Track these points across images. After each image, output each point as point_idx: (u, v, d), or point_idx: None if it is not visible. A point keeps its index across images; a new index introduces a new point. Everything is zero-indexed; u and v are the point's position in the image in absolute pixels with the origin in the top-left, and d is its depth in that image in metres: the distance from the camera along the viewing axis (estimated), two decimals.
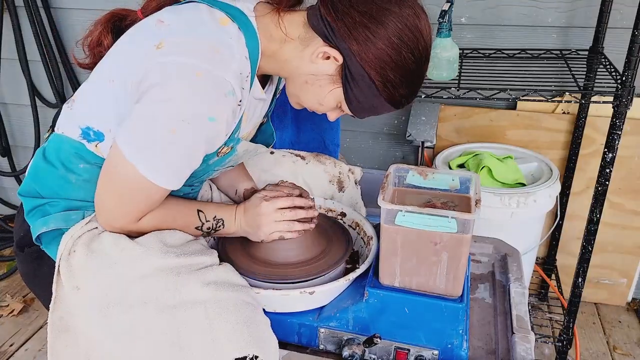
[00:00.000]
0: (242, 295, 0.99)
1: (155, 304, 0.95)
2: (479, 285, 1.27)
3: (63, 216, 1.03)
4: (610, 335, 1.99)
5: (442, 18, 1.40)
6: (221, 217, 1.11)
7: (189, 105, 0.89)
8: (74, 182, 1.03)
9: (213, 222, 1.10)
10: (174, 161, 0.94)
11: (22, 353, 1.95)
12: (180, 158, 0.94)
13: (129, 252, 0.98)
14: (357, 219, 1.31)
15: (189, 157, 0.95)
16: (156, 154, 0.92)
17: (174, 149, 0.92)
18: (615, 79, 1.44)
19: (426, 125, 1.87)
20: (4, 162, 2.55)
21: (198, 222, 1.08)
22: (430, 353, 1.04)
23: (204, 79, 0.88)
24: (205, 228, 1.09)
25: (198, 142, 0.94)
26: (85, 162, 1.02)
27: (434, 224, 0.97)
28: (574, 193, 1.96)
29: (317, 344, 1.10)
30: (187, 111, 0.89)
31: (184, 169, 0.97)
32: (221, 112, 0.92)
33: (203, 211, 1.09)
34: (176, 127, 0.89)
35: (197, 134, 0.92)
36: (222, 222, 1.11)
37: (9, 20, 2.21)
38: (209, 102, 0.90)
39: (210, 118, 0.91)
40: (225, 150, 1.05)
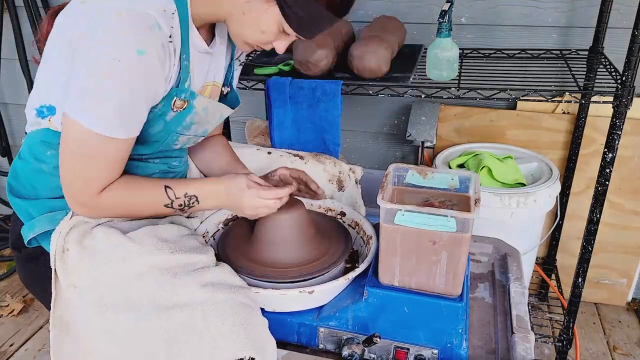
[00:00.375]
0: (239, 297, 0.99)
1: (151, 304, 0.95)
2: (478, 284, 1.27)
3: (47, 218, 1.04)
4: (610, 335, 1.99)
5: (442, 18, 1.40)
6: (194, 194, 1.07)
7: (114, 43, 0.89)
8: (46, 171, 1.05)
9: (185, 199, 1.06)
10: (116, 105, 0.92)
11: (22, 353, 1.95)
12: (122, 100, 0.92)
13: (123, 248, 0.98)
14: (356, 218, 1.31)
15: (130, 98, 0.93)
16: (97, 102, 0.91)
17: (113, 92, 0.91)
18: (615, 79, 1.44)
19: (426, 125, 1.87)
20: (4, 162, 2.56)
21: (166, 199, 1.05)
22: (429, 352, 1.04)
23: (126, 16, 0.88)
24: (177, 205, 1.06)
25: (134, 80, 0.92)
26: (50, 147, 1.03)
27: (433, 224, 0.97)
28: (574, 193, 1.96)
29: (317, 343, 1.10)
30: (115, 50, 0.89)
31: (129, 113, 0.95)
32: (149, 44, 0.91)
33: (171, 187, 1.05)
34: (108, 69, 0.89)
35: (131, 71, 0.90)
36: (195, 198, 1.07)
37: (9, 20, 2.21)
38: (134, 36, 0.89)
39: (138, 51, 0.89)
40: (179, 104, 1.03)
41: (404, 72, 1.55)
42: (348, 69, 1.53)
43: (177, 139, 1.12)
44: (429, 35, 1.90)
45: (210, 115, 1.15)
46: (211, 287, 0.98)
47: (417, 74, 1.58)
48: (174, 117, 1.05)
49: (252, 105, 2.21)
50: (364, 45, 1.49)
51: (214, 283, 0.99)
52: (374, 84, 1.49)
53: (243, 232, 1.22)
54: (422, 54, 1.74)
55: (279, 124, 1.56)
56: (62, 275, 0.99)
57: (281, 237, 1.13)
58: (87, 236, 1.01)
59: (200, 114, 1.10)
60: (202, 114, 1.11)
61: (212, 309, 0.95)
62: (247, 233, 1.20)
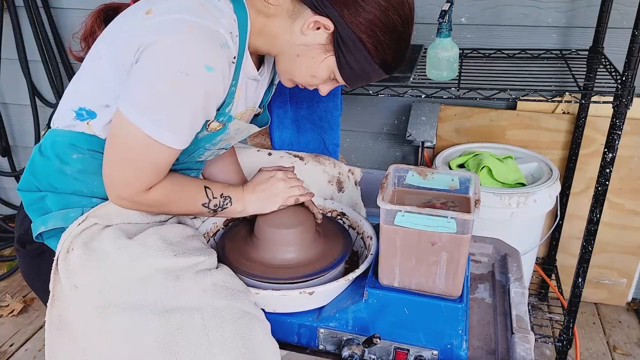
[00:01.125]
0: (241, 304, 0.99)
1: (152, 307, 0.95)
2: (478, 285, 1.27)
3: (62, 215, 1.04)
4: (610, 335, 1.99)
5: (442, 18, 1.40)
6: (228, 194, 1.11)
7: (184, 55, 0.89)
8: (68, 174, 1.04)
9: (220, 200, 1.10)
10: (176, 115, 0.93)
11: (22, 353, 1.95)
12: (182, 111, 0.93)
13: (127, 250, 0.98)
14: (356, 219, 1.31)
15: (190, 110, 0.94)
16: (158, 110, 0.92)
17: (175, 102, 0.91)
18: (615, 79, 1.44)
19: (426, 125, 1.87)
20: (4, 162, 2.55)
21: (205, 198, 1.08)
22: (429, 353, 1.04)
23: (197, 30, 0.89)
24: (212, 205, 1.09)
25: (198, 95, 0.93)
26: (78, 151, 1.03)
27: (433, 224, 0.97)
28: (574, 193, 1.96)
29: (317, 344, 1.10)
30: (184, 61, 0.89)
31: (186, 124, 0.95)
32: (217, 60, 0.92)
33: (210, 188, 1.09)
34: (175, 79, 0.89)
35: (196, 84, 0.91)
36: (229, 199, 1.11)
37: (9, 20, 2.21)
38: (204, 51, 0.90)
39: (207, 67, 0.90)
40: (215, 126, 1.04)
41: (404, 72, 1.55)
42: None
43: (203, 153, 1.13)
44: (429, 35, 1.89)
45: (239, 135, 1.16)
46: (213, 292, 0.98)
47: (417, 74, 1.58)
48: (207, 135, 1.05)
49: None
50: None
51: (215, 287, 0.99)
52: (374, 84, 1.49)
53: (243, 233, 1.22)
54: (422, 54, 1.74)
55: (279, 124, 1.55)
56: (64, 276, 0.99)
57: (281, 238, 1.13)
58: (94, 238, 1.01)
59: (231, 133, 1.11)
60: (233, 133, 1.12)
61: (212, 316, 0.95)
62: (247, 233, 1.20)
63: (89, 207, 1.05)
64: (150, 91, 0.91)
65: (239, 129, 1.12)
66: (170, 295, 0.96)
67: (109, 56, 0.97)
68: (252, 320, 0.98)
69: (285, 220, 1.15)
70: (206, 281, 0.99)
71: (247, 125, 1.14)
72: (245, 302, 1.00)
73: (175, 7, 0.92)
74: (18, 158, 2.56)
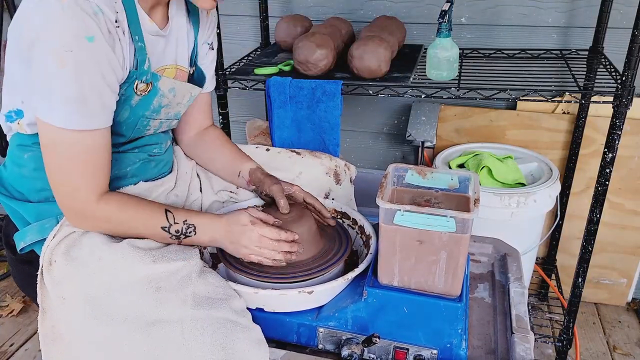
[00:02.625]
0: (222, 312, 0.97)
1: (133, 320, 0.95)
2: (478, 284, 1.27)
3: (38, 227, 1.05)
4: (610, 335, 1.98)
5: (442, 18, 1.40)
6: (193, 223, 1.06)
7: (63, 33, 0.88)
8: (27, 175, 1.06)
9: (183, 226, 1.05)
10: (79, 96, 0.92)
11: (22, 353, 1.95)
12: (82, 89, 0.92)
13: (107, 259, 0.97)
14: (356, 218, 1.31)
15: (90, 86, 0.93)
16: (61, 97, 0.91)
17: (72, 82, 0.90)
18: (615, 79, 1.44)
19: (426, 125, 1.87)
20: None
21: (165, 222, 1.03)
22: (429, 352, 1.04)
23: (68, 4, 0.88)
24: (174, 231, 1.04)
25: (89, 67, 0.92)
26: (26, 150, 1.05)
27: (432, 224, 0.97)
28: (574, 193, 1.96)
29: (316, 343, 1.10)
30: (64, 39, 0.88)
31: (94, 102, 0.94)
32: (95, 30, 0.91)
33: (172, 212, 1.04)
34: (63, 59, 0.89)
35: (85, 58, 0.90)
36: (193, 228, 1.06)
37: (9, 20, 2.21)
38: (80, 23, 0.89)
39: (87, 38, 0.90)
40: (142, 87, 1.03)
41: (404, 72, 1.55)
42: (348, 69, 1.53)
43: (148, 123, 1.11)
44: (429, 35, 1.90)
45: (179, 97, 1.14)
46: (192, 302, 0.97)
47: (417, 74, 1.58)
48: (139, 101, 1.04)
49: (252, 106, 2.21)
50: (363, 45, 1.49)
51: (196, 297, 0.98)
52: (373, 84, 1.49)
53: None
54: (422, 54, 1.74)
55: (279, 124, 1.56)
56: (50, 288, 0.99)
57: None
58: (74, 246, 1.01)
59: (167, 95, 1.09)
60: (170, 95, 1.10)
61: (191, 327, 0.94)
62: None
63: (61, 215, 1.04)
64: (46, 81, 0.91)
65: (173, 88, 1.11)
66: (150, 308, 0.95)
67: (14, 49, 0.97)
68: (234, 328, 0.97)
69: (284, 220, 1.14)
70: (186, 291, 0.98)
71: (183, 84, 1.13)
72: (227, 311, 0.98)
73: None
74: None
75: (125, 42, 0.98)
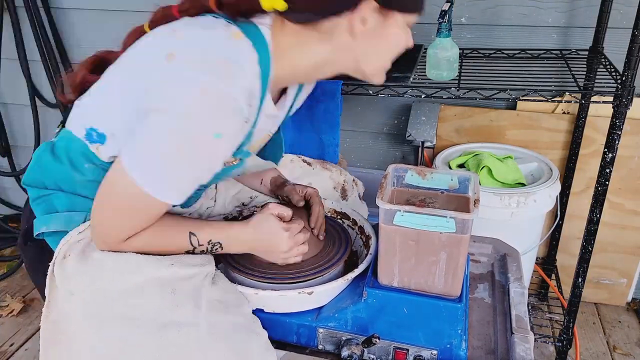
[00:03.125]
0: (236, 318, 0.98)
1: (147, 322, 0.94)
2: (478, 285, 1.27)
3: (65, 217, 1.03)
4: (610, 335, 1.98)
5: (442, 18, 1.40)
6: (218, 240, 1.04)
7: (194, 121, 0.86)
8: (78, 181, 1.03)
9: (208, 246, 1.03)
10: (178, 178, 0.92)
11: (22, 353, 1.95)
12: (184, 175, 0.92)
13: (124, 259, 0.97)
14: (356, 218, 1.31)
15: (193, 173, 0.93)
16: (159, 171, 0.90)
17: (178, 166, 0.90)
18: (615, 79, 1.44)
19: (426, 125, 1.87)
20: (4, 162, 2.55)
21: (189, 245, 1.02)
22: (429, 353, 1.04)
23: (211, 95, 0.86)
24: (199, 251, 1.03)
25: (203, 159, 0.92)
26: (90, 162, 1.01)
27: (432, 224, 0.97)
28: (574, 193, 1.96)
29: (316, 344, 1.10)
30: (193, 128, 0.87)
31: (187, 185, 0.94)
32: (227, 128, 0.89)
33: (196, 234, 1.02)
34: (181, 144, 0.87)
35: (202, 151, 0.90)
36: (219, 245, 1.04)
37: (9, 20, 2.21)
38: (215, 119, 0.87)
39: (215, 134, 0.88)
40: (232, 161, 1.02)
41: (404, 72, 1.55)
42: None
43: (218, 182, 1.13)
44: (429, 35, 1.89)
45: (255, 168, 1.15)
46: (207, 306, 0.97)
47: (417, 74, 1.58)
48: (223, 169, 1.03)
49: None
50: None
51: (211, 302, 0.98)
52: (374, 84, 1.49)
53: None
54: (422, 54, 1.74)
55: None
56: (60, 281, 0.98)
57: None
58: (92, 245, 1.00)
59: (247, 167, 1.10)
60: (249, 167, 1.11)
61: (206, 332, 0.94)
62: None
63: None
64: (155, 152, 0.89)
65: (256, 164, 1.11)
66: (165, 310, 0.95)
67: (127, 88, 0.95)
68: (247, 334, 0.97)
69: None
70: (202, 295, 0.98)
71: (263, 162, 1.13)
72: (241, 316, 0.99)
73: (197, 58, 0.88)
74: (18, 158, 2.56)
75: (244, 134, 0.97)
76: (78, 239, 1.01)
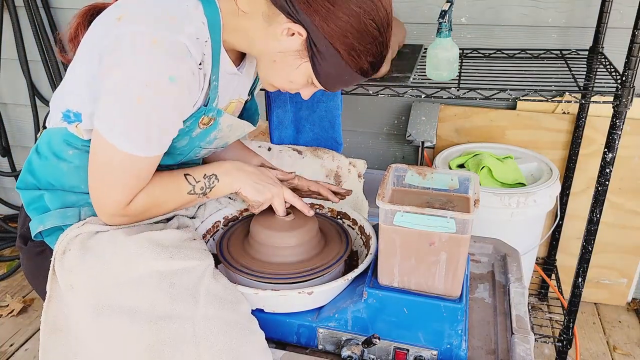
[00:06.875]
0: (233, 315, 0.98)
1: (144, 313, 0.94)
2: (478, 285, 1.27)
3: (60, 214, 1.05)
4: (610, 335, 1.99)
5: (442, 18, 1.40)
6: (212, 172, 1.09)
7: (147, 69, 0.90)
8: (65, 170, 1.05)
9: (204, 181, 1.08)
10: (148, 128, 0.94)
11: (22, 353, 1.95)
12: (153, 124, 0.94)
13: (123, 251, 0.98)
14: (356, 218, 1.31)
15: (160, 122, 0.95)
16: (130, 127, 0.93)
17: (143, 117, 0.92)
18: (615, 79, 1.44)
19: (426, 125, 1.87)
20: (4, 162, 2.56)
21: (188, 186, 1.07)
22: (429, 353, 1.04)
23: (160, 43, 0.90)
24: (199, 189, 1.08)
25: (165, 105, 0.94)
26: (73, 147, 1.04)
27: (432, 224, 0.97)
28: (574, 193, 1.96)
29: (316, 344, 1.10)
30: (146, 76, 0.90)
31: (161, 135, 0.97)
32: (180, 71, 0.92)
33: (191, 174, 1.08)
34: (140, 95, 0.91)
35: (162, 96, 0.92)
36: (214, 177, 1.09)
37: (9, 20, 2.21)
38: (166, 63, 0.91)
39: (170, 77, 0.91)
40: (206, 120, 1.05)
41: (404, 72, 1.55)
42: None
43: (199, 152, 1.14)
44: (429, 35, 1.90)
45: (233, 132, 1.16)
46: (205, 301, 0.97)
47: (417, 74, 1.58)
48: (200, 132, 1.06)
49: None
50: None
51: (209, 297, 0.98)
52: (374, 84, 1.49)
53: (242, 232, 1.22)
54: (422, 54, 1.74)
55: (279, 124, 1.55)
56: (60, 276, 0.99)
57: (279, 241, 1.13)
58: (92, 238, 1.01)
59: (224, 130, 1.12)
60: (226, 130, 1.13)
61: (203, 326, 0.94)
62: (247, 233, 1.20)
63: (85, 206, 1.06)
64: (118, 108, 0.92)
65: (232, 125, 1.12)
66: (163, 303, 0.95)
67: (88, 58, 0.98)
68: (244, 332, 0.97)
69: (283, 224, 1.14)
70: (200, 290, 0.98)
71: (239, 122, 1.15)
72: (238, 313, 0.99)
73: (142, 16, 0.92)
74: (18, 158, 2.56)
75: (203, 83, 1.00)
76: (76, 233, 1.02)
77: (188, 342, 0.93)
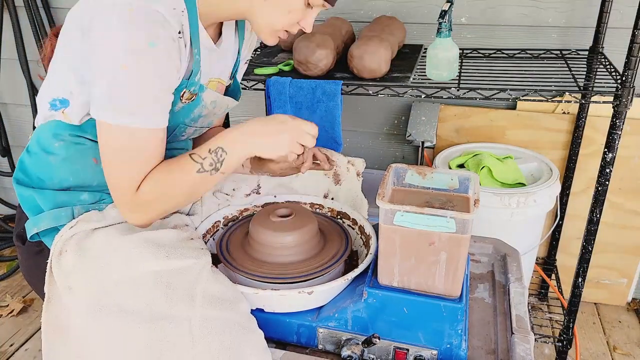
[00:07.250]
0: (231, 314, 0.98)
1: (142, 313, 0.95)
2: (478, 285, 1.27)
3: (53, 215, 1.05)
4: (610, 335, 1.99)
5: (442, 18, 1.40)
6: (217, 146, 1.03)
7: (127, 37, 0.91)
8: (53, 163, 1.06)
9: (211, 156, 1.02)
10: (138, 97, 0.94)
11: (22, 353, 1.95)
12: (141, 93, 0.95)
13: (120, 252, 0.98)
14: (356, 218, 1.31)
15: (149, 90, 0.95)
16: (122, 97, 0.94)
17: (134, 84, 0.93)
18: (615, 79, 1.44)
19: (426, 125, 1.87)
20: (4, 162, 2.56)
21: (195, 164, 1.02)
22: (429, 353, 1.04)
23: (136, 12, 0.91)
24: (208, 165, 1.02)
25: (150, 72, 0.94)
26: (60, 139, 1.05)
27: (432, 224, 0.97)
28: (574, 193, 1.96)
29: (316, 344, 1.10)
30: (128, 43, 0.91)
31: (153, 104, 0.97)
32: (159, 38, 0.93)
33: (195, 152, 1.03)
34: (124, 62, 0.91)
35: (145, 63, 0.93)
36: (220, 149, 1.03)
37: (9, 20, 2.21)
38: (145, 29, 0.92)
39: (150, 43, 0.92)
40: (188, 95, 1.05)
41: (404, 72, 1.55)
42: (348, 69, 1.53)
43: (184, 130, 1.14)
44: (429, 35, 1.90)
45: (217, 108, 1.17)
46: (202, 301, 0.97)
47: (417, 74, 1.58)
48: (182, 108, 1.07)
49: (252, 105, 2.21)
50: (364, 45, 1.49)
51: (206, 297, 0.98)
52: (374, 84, 1.49)
53: (242, 232, 1.22)
54: (422, 54, 1.74)
55: None
56: (58, 277, 0.99)
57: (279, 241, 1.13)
58: (87, 238, 1.01)
59: (208, 107, 1.12)
60: (210, 107, 1.13)
61: (200, 326, 0.94)
62: (247, 233, 1.20)
63: (78, 205, 1.06)
64: (107, 82, 0.93)
65: (215, 100, 1.13)
66: (160, 302, 0.95)
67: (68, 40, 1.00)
68: (241, 332, 0.97)
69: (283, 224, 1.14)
70: (197, 290, 0.98)
71: (223, 97, 1.16)
72: (236, 313, 0.99)
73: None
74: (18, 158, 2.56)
75: (185, 52, 1.01)
76: (71, 234, 1.02)
77: (185, 342, 0.93)
